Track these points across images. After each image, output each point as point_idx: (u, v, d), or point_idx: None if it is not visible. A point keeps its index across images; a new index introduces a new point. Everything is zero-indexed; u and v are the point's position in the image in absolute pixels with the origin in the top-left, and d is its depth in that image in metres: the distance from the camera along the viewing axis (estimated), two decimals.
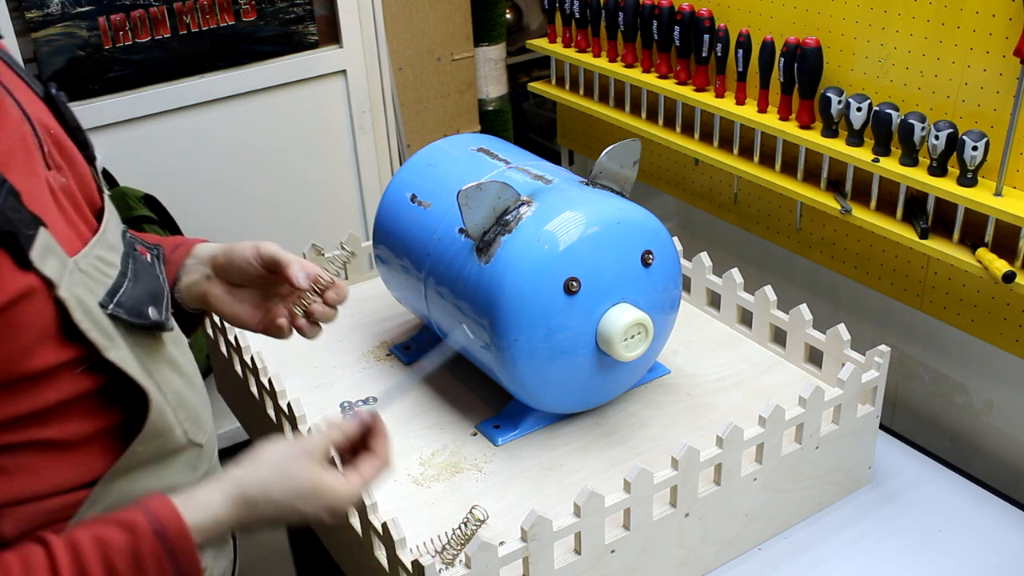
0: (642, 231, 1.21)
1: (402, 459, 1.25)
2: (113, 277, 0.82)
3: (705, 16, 1.72)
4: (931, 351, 1.62)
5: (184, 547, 0.78)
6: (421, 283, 1.30)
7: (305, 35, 2.27)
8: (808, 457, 1.17)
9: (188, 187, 2.24)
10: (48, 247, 0.73)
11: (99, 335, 0.77)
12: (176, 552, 0.77)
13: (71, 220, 0.81)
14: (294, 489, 0.83)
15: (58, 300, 0.74)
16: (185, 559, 0.78)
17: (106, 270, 0.81)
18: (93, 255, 0.80)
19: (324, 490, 0.84)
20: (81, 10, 1.98)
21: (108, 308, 0.78)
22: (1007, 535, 1.19)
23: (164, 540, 0.77)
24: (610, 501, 1.01)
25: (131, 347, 0.81)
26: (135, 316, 0.81)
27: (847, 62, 1.57)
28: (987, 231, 1.37)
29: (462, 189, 1.15)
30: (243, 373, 1.37)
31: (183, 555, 0.78)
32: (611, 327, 1.17)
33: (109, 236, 0.85)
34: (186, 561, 0.78)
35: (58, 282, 0.74)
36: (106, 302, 0.79)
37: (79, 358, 0.77)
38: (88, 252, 0.79)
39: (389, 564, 1.02)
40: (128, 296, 0.82)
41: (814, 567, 1.15)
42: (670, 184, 2.06)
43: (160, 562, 0.76)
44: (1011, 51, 1.32)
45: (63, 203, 0.80)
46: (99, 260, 0.81)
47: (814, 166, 1.63)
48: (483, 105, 2.84)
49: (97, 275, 0.80)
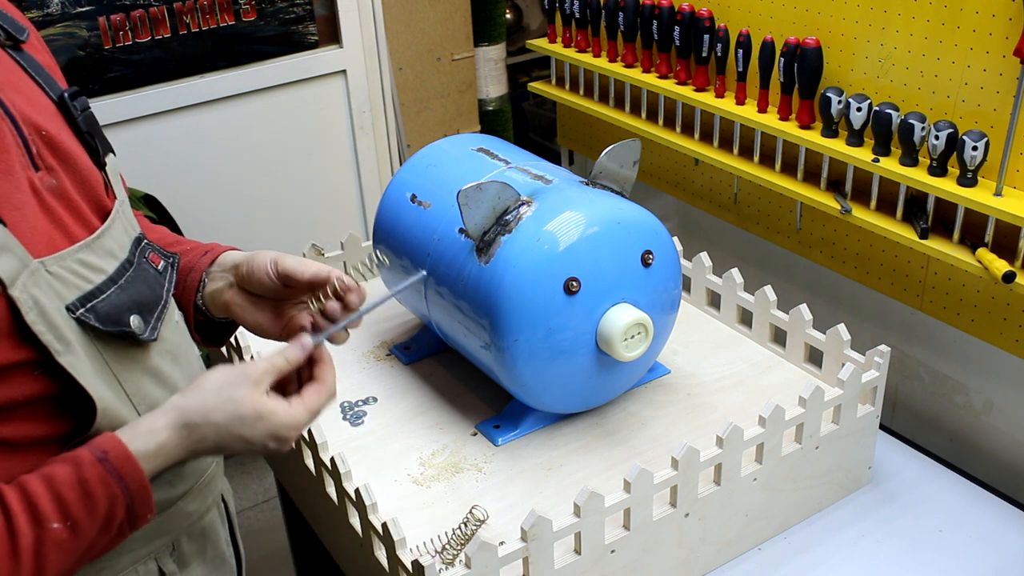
0: (642, 231, 1.21)
1: (402, 459, 1.25)
2: (95, 283, 0.81)
3: (705, 16, 1.72)
4: (931, 351, 1.62)
5: (128, 468, 0.78)
6: (421, 283, 1.30)
7: (305, 35, 2.27)
8: (808, 457, 1.17)
9: (188, 187, 2.24)
10: (5, 245, 0.74)
11: (53, 338, 0.77)
12: (122, 474, 0.77)
13: (58, 221, 0.81)
14: (236, 413, 0.83)
15: (10, 299, 0.74)
16: (132, 481, 0.78)
17: (87, 274, 0.81)
18: (74, 258, 0.80)
19: (267, 415, 0.84)
20: (81, 10, 1.98)
21: (76, 312, 0.78)
22: (1007, 535, 1.19)
23: (107, 464, 0.77)
24: (610, 501, 1.01)
25: (99, 354, 0.81)
26: (109, 324, 0.81)
27: (847, 62, 1.57)
28: (987, 231, 1.37)
29: (462, 189, 1.15)
30: None
31: (129, 477, 0.78)
32: (611, 327, 1.17)
33: (108, 241, 0.85)
34: (134, 483, 0.78)
35: (10, 281, 0.74)
36: (75, 306, 0.79)
37: (34, 360, 0.77)
38: (68, 255, 0.79)
39: (389, 564, 1.02)
40: (108, 303, 0.81)
41: (814, 567, 1.15)
42: (670, 184, 2.06)
43: (108, 487, 0.77)
44: (1011, 51, 1.32)
45: (50, 204, 0.80)
46: (80, 264, 0.81)
47: (814, 166, 1.63)
48: (483, 105, 2.84)
49: (71, 278, 0.79)
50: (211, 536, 1.04)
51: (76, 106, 0.88)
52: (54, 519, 0.75)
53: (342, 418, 1.33)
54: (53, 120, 0.85)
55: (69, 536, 0.76)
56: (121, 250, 0.87)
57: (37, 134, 0.82)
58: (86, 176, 0.86)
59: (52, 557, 0.75)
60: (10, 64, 0.85)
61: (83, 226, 0.83)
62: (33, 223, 0.78)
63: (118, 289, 0.83)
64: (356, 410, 1.34)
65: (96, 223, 0.85)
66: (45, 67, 0.90)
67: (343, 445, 1.27)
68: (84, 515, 0.76)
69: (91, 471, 0.77)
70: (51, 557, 0.75)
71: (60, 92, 0.88)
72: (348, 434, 1.30)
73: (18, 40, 0.87)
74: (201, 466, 0.99)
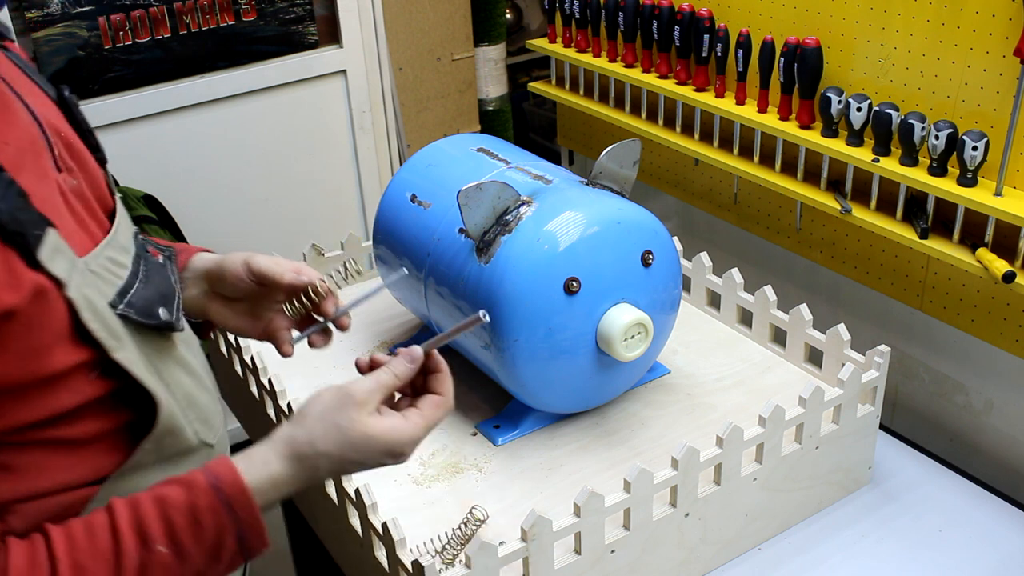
0: (642, 231, 1.21)
1: None
2: (124, 278, 0.82)
3: (705, 16, 1.72)
4: (931, 351, 1.62)
5: (241, 499, 0.77)
6: (421, 283, 1.30)
7: (305, 35, 2.27)
8: (808, 457, 1.17)
9: (188, 187, 2.24)
10: (57, 247, 0.74)
11: (107, 335, 0.77)
12: (233, 505, 0.77)
13: (82, 221, 0.81)
14: (344, 440, 0.81)
15: (68, 300, 0.74)
16: (243, 512, 0.77)
17: (117, 271, 0.81)
18: (104, 256, 0.80)
19: (377, 436, 0.82)
20: (81, 10, 1.98)
21: (118, 308, 0.78)
22: (1007, 535, 1.19)
23: (220, 493, 0.76)
24: (610, 501, 1.01)
25: (141, 348, 0.81)
26: (145, 316, 0.81)
27: (847, 62, 1.57)
28: (987, 231, 1.37)
29: (462, 189, 1.15)
30: (243, 373, 1.37)
31: (241, 508, 0.77)
32: (611, 327, 1.17)
33: (120, 237, 0.85)
34: (245, 514, 0.77)
35: (67, 282, 0.74)
36: (116, 302, 0.79)
37: (91, 360, 0.77)
38: (99, 253, 0.80)
39: (389, 564, 1.02)
40: (139, 296, 0.82)
41: (814, 567, 1.15)
42: (670, 184, 2.06)
43: (218, 516, 0.76)
44: (1011, 51, 1.32)
45: (74, 205, 0.81)
46: (110, 261, 0.81)
47: (814, 166, 1.63)
48: (483, 105, 2.84)
49: (108, 276, 0.80)
50: None
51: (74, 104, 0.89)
52: (160, 542, 0.75)
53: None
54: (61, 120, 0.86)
55: (174, 561, 0.75)
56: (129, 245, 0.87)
57: (57, 135, 0.82)
58: (94, 175, 0.87)
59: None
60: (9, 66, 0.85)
61: (99, 225, 0.84)
62: (66, 224, 0.78)
63: (141, 283, 0.83)
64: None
65: (107, 222, 0.85)
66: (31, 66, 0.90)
67: None
68: (191, 541, 0.76)
69: (203, 499, 0.76)
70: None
71: (59, 90, 0.88)
72: None
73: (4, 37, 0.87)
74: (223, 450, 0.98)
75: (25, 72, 0.86)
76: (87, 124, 0.89)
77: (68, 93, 0.88)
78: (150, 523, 0.75)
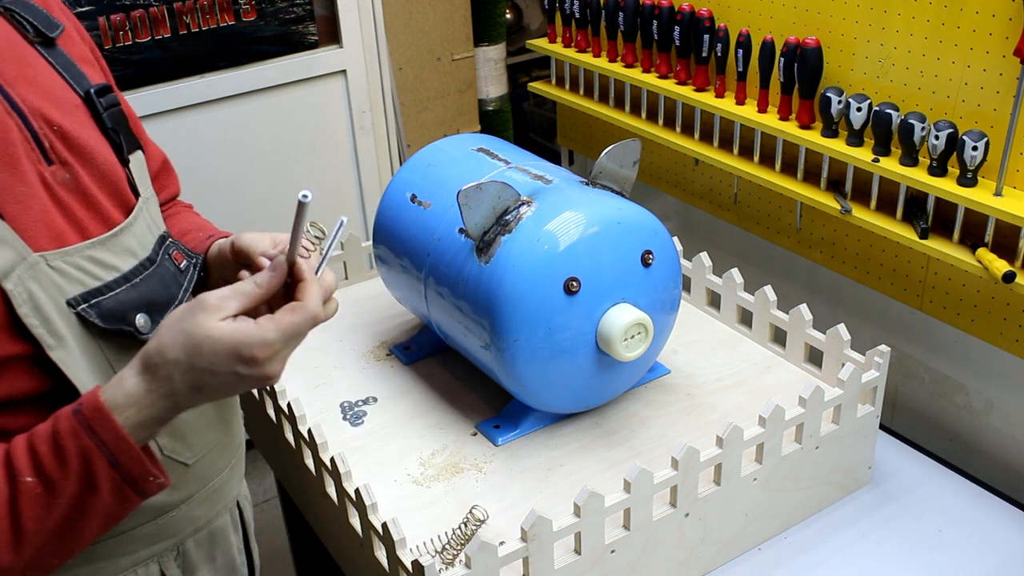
0: (642, 231, 1.21)
1: (402, 459, 1.25)
2: (104, 280, 0.81)
3: (705, 16, 1.72)
4: (931, 351, 1.62)
5: (98, 418, 0.75)
6: (421, 283, 1.30)
7: (305, 35, 2.27)
8: (808, 457, 1.17)
9: (188, 187, 2.22)
10: (1, 238, 0.74)
11: (45, 332, 0.77)
12: (93, 425, 0.75)
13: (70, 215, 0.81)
14: (189, 344, 0.76)
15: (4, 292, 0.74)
16: (105, 433, 0.75)
17: (96, 271, 0.81)
18: (84, 255, 0.80)
19: (220, 338, 0.76)
20: (81, 10, 1.98)
21: (77, 308, 0.78)
22: (1007, 535, 1.19)
23: (79, 416, 0.75)
24: (610, 501, 1.01)
25: (99, 350, 0.81)
26: (111, 321, 0.81)
27: (847, 62, 1.57)
28: (987, 231, 1.37)
29: (462, 189, 1.15)
30: None
31: (100, 427, 0.75)
32: (611, 327, 1.17)
33: (128, 239, 0.85)
34: (108, 436, 0.75)
35: (4, 274, 0.74)
36: (76, 302, 0.78)
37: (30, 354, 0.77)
38: (76, 251, 0.79)
39: (389, 564, 1.02)
40: (116, 300, 0.81)
41: (814, 567, 1.15)
42: (670, 184, 2.06)
43: (79, 438, 0.75)
44: (1011, 51, 1.32)
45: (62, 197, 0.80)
46: (90, 260, 0.81)
47: (814, 166, 1.63)
48: (483, 105, 2.84)
49: (76, 274, 0.79)
50: (221, 542, 1.03)
51: (102, 102, 0.89)
52: (26, 473, 0.74)
53: (342, 418, 1.33)
54: (75, 115, 0.86)
55: (43, 491, 0.75)
56: (143, 248, 0.87)
57: (49, 128, 0.82)
58: (106, 171, 0.86)
59: (29, 512, 0.74)
60: (34, 59, 0.86)
61: (101, 221, 0.83)
62: (39, 217, 0.78)
63: (129, 287, 0.83)
64: (356, 410, 1.34)
65: (118, 218, 0.85)
66: (78, 61, 0.90)
67: (343, 445, 1.27)
68: (56, 469, 0.75)
69: (64, 424, 0.75)
70: (27, 512, 0.74)
71: (87, 87, 0.89)
72: (348, 434, 1.30)
73: (48, 36, 0.88)
74: (208, 471, 0.98)
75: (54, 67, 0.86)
76: (111, 122, 0.89)
77: (95, 91, 0.89)
78: (18, 456, 0.74)
